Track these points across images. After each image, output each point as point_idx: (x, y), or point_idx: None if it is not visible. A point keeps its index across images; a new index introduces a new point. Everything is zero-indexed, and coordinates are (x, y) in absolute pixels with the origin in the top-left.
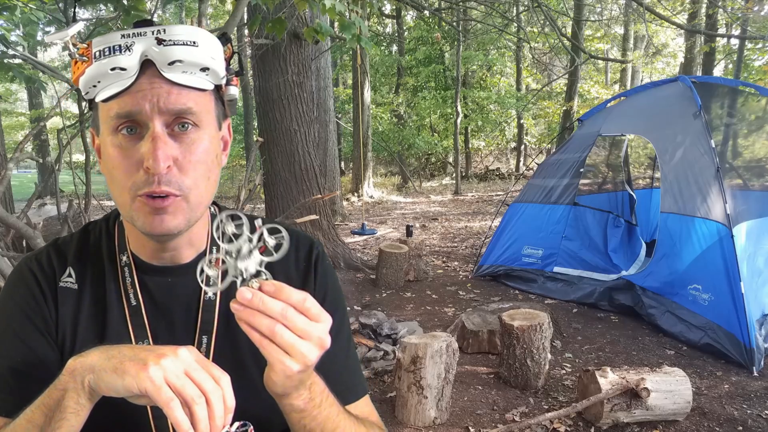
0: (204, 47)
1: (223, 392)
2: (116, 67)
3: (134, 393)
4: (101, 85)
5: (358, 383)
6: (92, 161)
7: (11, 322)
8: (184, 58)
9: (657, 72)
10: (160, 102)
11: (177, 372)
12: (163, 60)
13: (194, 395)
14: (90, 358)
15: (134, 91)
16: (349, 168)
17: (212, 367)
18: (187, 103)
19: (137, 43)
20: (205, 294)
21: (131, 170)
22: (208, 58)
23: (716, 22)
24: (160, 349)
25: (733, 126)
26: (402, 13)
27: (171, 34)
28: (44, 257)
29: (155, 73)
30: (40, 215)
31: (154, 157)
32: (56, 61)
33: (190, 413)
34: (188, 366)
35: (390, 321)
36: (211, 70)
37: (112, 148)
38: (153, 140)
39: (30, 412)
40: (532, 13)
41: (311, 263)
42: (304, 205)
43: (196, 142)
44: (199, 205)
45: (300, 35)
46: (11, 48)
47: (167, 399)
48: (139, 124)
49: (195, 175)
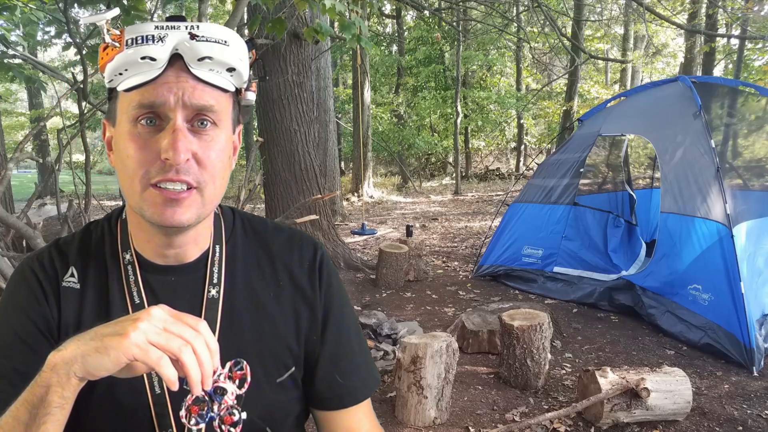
0: (234, 48)
1: (204, 337)
2: (146, 56)
3: (123, 363)
4: (128, 73)
5: (372, 377)
6: (92, 161)
7: (13, 322)
8: (214, 55)
9: (657, 72)
10: (184, 96)
11: (156, 330)
12: (193, 55)
13: (179, 346)
14: (69, 350)
15: (160, 83)
16: (349, 168)
17: (187, 317)
18: (210, 100)
19: (170, 36)
20: (209, 292)
21: (147, 160)
22: (236, 59)
23: (716, 22)
24: (134, 315)
25: (733, 126)
26: (402, 13)
27: (204, 30)
28: (46, 257)
29: (182, 67)
30: (40, 215)
31: (174, 148)
32: (56, 61)
33: (180, 364)
34: (164, 322)
35: (390, 321)
36: (237, 71)
37: (129, 137)
38: (174, 132)
39: (15, 410)
40: (532, 13)
41: (315, 266)
42: (304, 205)
43: (214, 140)
44: (212, 202)
45: (300, 35)
46: (11, 48)
47: (157, 358)
48: (160, 116)
49: (211, 171)
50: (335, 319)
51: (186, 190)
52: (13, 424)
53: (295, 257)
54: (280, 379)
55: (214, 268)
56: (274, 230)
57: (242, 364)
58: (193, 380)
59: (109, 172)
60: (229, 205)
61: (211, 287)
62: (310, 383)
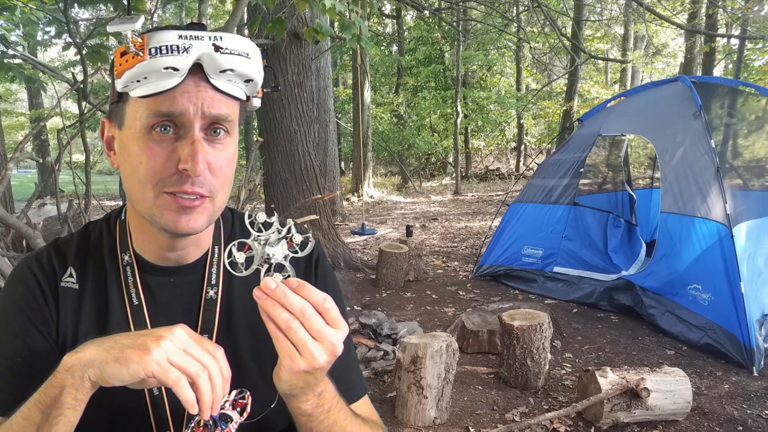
0: (254, 60)
1: (220, 365)
2: (170, 66)
3: (141, 378)
4: (146, 81)
5: (359, 383)
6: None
7: (11, 322)
8: (236, 68)
9: (657, 72)
10: (204, 106)
11: (178, 351)
12: (215, 67)
13: (198, 370)
14: (87, 353)
15: (180, 92)
16: (349, 168)
17: (206, 342)
18: (226, 110)
19: (194, 47)
20: (207, 293)
21: (161, 168)
22: (255, 71)
23: (716, 22)
24: (157, 331)
25: (733, 126)
26: (402, 13)
27: (227, 42)
28: (44, 257)
29: (202, 77)
30: (40, 215)
31: (194, 160)
32: (56, 61)
33: (195, 387)
34: (186, 344)
35: (390, 321)
36: (254, 82)
37: (142, 143)
38: (193, 143)
39: (26, 410)
40: (532, 13)
41: (312, 265)
42: (304, 205)
43: (227, 148)
44: (221, 208)
45: (300, 35)
46: (11, 48)
47: (176, 379)
48: (176, 124)
49: (222, 179)
50: None
51: (199, 198)
52: (24, 425)
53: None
54: None
55: (213, 269)
56: None
57: (245, 393)
58: (204, 405)
59: (109, 172)
60: (228, 206)
61: (209, 288)
62: None
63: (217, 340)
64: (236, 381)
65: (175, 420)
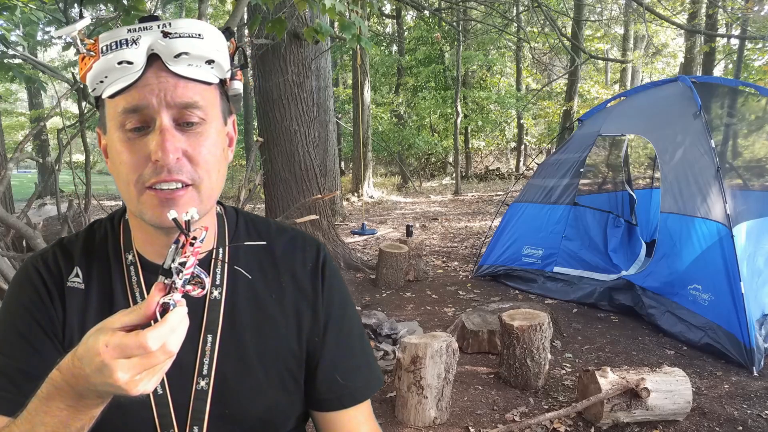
0: (209, 40)
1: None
2: (123, 60)
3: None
4: (108, 80)
5: (374, 377)
6: (92, 161)
7: (17, 322)
8: (189, 50)
9: (657, 72)
10: (167, 96)
11: (133, 364)
12: (169, 53)
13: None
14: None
15: (141, 86)
16: (349, 168)
17: (133, 336)
18: (193, 96)
19: (144, 37)
20: (211, 294)
21: (138, 165)
22: (213, 50)
23: (716, 22)
24: (93, 360)
25: (733, 126)
26: (402, 13)
27: (176, 27)
28: (50, 257)
29: (161, 66)
30: (40, 215)
31: (163, 149)
32: (56, 61)
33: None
34: (123, 351)
35: (390, 321)
36: (216, 62)
37: (119, 143)
38: (161, 133)
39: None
40: (532, 13)
41: (318, 268)
42: (304, 205)
43: (203, 135)
44: (210, 197)
45: (300, 35)
46: (11, 48)
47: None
48: (147, 120)
49: (206, 167)
50: (337, 321)
51: (181, 188)
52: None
53: (298, 258)
54: (281, 380)
55: (217, 269)
56: (277, 231)
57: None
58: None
59: (108, 172)
60: (232, 206)
61: (213, 288)
62: (311, 384)
63: (222, 339)
64: (241, 381)
65: (179, 419)
